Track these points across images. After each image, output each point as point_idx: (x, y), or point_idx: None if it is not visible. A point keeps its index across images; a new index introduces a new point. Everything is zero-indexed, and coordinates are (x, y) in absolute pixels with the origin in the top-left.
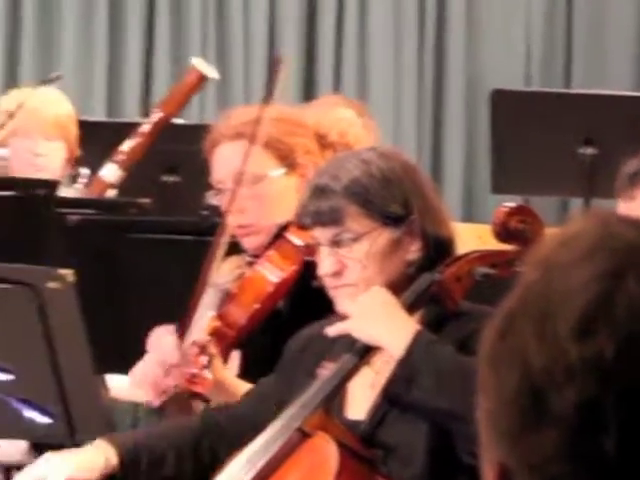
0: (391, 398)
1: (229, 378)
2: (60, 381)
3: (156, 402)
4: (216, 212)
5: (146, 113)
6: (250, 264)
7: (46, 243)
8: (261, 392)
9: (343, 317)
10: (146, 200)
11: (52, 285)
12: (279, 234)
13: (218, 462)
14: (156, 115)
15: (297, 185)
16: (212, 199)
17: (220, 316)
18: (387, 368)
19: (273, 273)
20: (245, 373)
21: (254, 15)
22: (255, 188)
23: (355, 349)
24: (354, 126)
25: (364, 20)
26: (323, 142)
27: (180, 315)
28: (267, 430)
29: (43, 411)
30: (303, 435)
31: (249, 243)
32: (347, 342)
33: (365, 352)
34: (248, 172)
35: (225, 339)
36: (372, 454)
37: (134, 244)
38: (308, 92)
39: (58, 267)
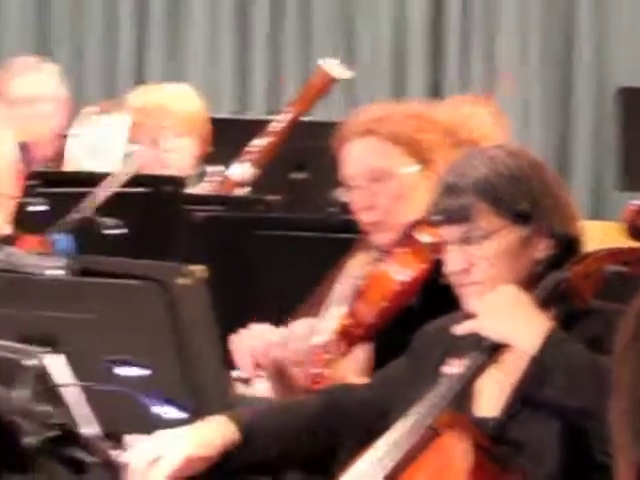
0: (523, 396)
1: (350, 377)
2: (190, 377)
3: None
4: (343, 209)
5: (274, 111)
6: (379, 261)
7: (173, 240)
8: (389, 377)
9: (470, 314)
10: (274, 197)
11: (182, 281)
12: (409, 231)
13: (338, 444)
14: (286, 114)
15: (427, 182)
16: (342, 196)
17: (348, 314)
18: (515, 365)
19: (400, 272)
20: (376, 369)
21: (380, 14)
22: (385, 184)
23: (483, 347)
24: (484, 124)
25: (490, 18)
26: (454, 139)
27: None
28: (397, 427)
29: (174, 406)
30: (434, 433)
31: (379, 240)
32: (474, 339)
33: (493, 350)
34: (378, 168)
35: (352, 337)
36: (503, 452)
37: (261, 241)
38: (435, 90)
39: (185, 263)
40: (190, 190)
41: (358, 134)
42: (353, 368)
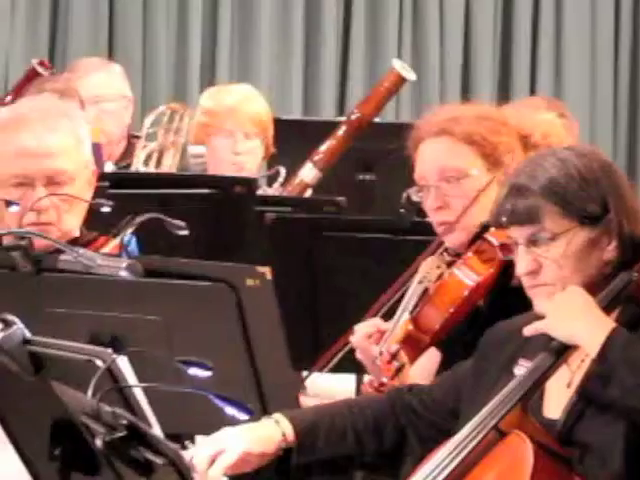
0: (588, 396)
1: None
2: (258, 378)
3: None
4: (413, 211)
5: (341, 113)
6: (449, 264)
7: (245, 241)
8: (457, 378)
9: (539, 315)
10: (342, 198)
11: (250, 282)
12: (480, 233)
13: (405, 445)
14: (354, 116)
15: (498, 184)
16: (414, 195)
17: (414, 320)
18: (584, 366)
19: (470, 277)
20: (442, 371)
21: (449, 15)
22: (459, 185)
23: (552, 348)
24: (556, 127)
25: (560, 19)
26: (526, 143)
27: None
28: (464, 428)
29: (241, 407)
30: (499, 434)
31: (450, 241)
32: (543, 340)
33: (562, 351)
34: (453, 168)
35: (418, 344)
36: (568, 453)
37: (330, 242)
38: (503, 91)
39: (256, 264)
40: (259, 191)
41: (432, 134)
42: (419, 373)
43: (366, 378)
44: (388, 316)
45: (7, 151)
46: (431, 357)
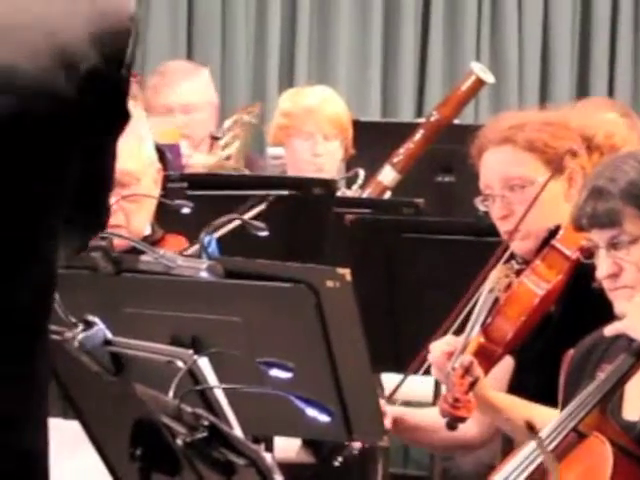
0: None
1: (493, 397)
2: (338, 380)
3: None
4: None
5: (420, 114)
6: (518, 273)
7: (325, 242)
8: None
9: (621, 319)
10: (421, 200)
11: (330, 284)
12: (548, 239)
13: None
14: (433, 118)
15: (565, 189)
16: (480, 205)
17: (486, 331)
18: None
19: (539, 285)
20: (518, 380)
21: (528, 18)
22: (523, 193)
23: (632, 349)
24: (620, 127)
25: (638, 19)
26: (590, 145)
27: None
28: (544, 429)
29: (321, 409)
30: (579, 436)
31: (518, 248)
32: (624, 344)
33: None
34: (517, 176)
35: (491, 357)
36: None
37: (409, 244)
38: (582, 94)
39: (335, 266)
40: (339, 193)
41: (494, 143)
42: (492, 383)
43: (443, 388)
44: (462, 326)
45: None
46: (503, 366)
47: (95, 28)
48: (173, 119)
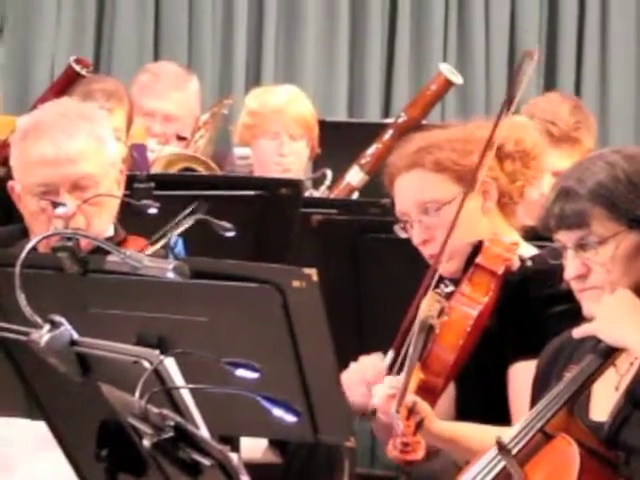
0: (636, 400)
1: (447, 429)
2: (305, 380)
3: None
4: None
5: (387, 115)
6: (448, 296)
7: (290, 242)
8: None
9: (589, 320)
10: (387, 200)
11: (297, 284)
12: (473, 254)
13: None
14: (402, 119)
15: (481, 203)
16: (400, 232)
17: (425, 365)
18: (632, 370)
19: (471, 306)
20: (463, 404)
21: (495, 18)
22: (439, 214)
23: (599, 350)
24: (528, 131)
25: (606, 20)
26: (499, 154)
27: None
28: (510, 430)
29: (288, 409)
30: (546, 437)
31: (445, 270)
32: (592, 345)
33: (609, 353)
34: (430, 199)
35: (435, 390)
36: (614, 456)
37: (376, 244)
38: (548, 92)
39: (302, 266)
40: (306, 194)
41: (403, 169)
42: (440, 415)
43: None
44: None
45: (28, 161)
46: (447, 393)
47: None
48: (146, 121)
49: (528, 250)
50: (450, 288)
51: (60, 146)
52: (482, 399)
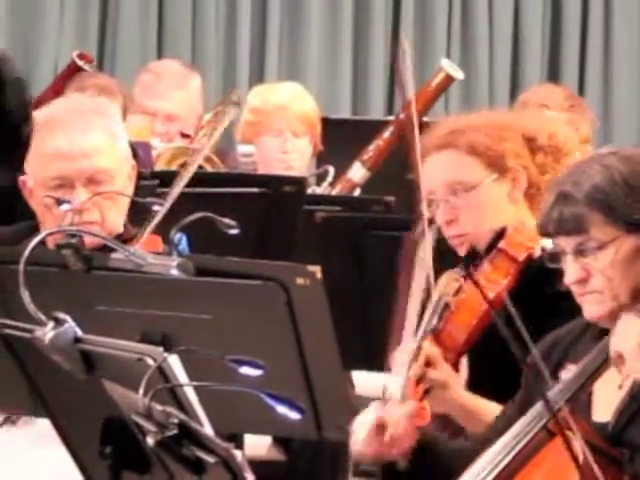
0: (638, 399)
1: (468, 397)
2: (308, 377)
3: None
4: None
5: (390, 112)
6: (466, 277)
7: (294, 239)
8: (510, 416)
9: (585, 322)
10: (391, 198)
11: (301, 281)
12: (495, 241)
13: None
14: (403, 115)
15: (509, 190)
16: (425, 210)
17: (437, 338)
18: None
19: (487, 288)
20: (475, 380)
21: (499, 13)
22: (467, 196)
23: (600, 350)
24: (562, 126)
25: (609, 17)
26: (532, 145)
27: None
28: (512, 428)
29: (291, 407)
30: (548, 434)
31: (464, 252)
32: (590, 344)
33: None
34: (459, 180)
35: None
36: (618, 453)
37: (379, 241)
38: None
39: (306, 263)
40: (309, 191)
41: (436, 148)
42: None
43: None
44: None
45: (43, 155)
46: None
47: None
48: (149, 119)
49: (549, 242)
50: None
51: (74, 140)
52: (493, 384)
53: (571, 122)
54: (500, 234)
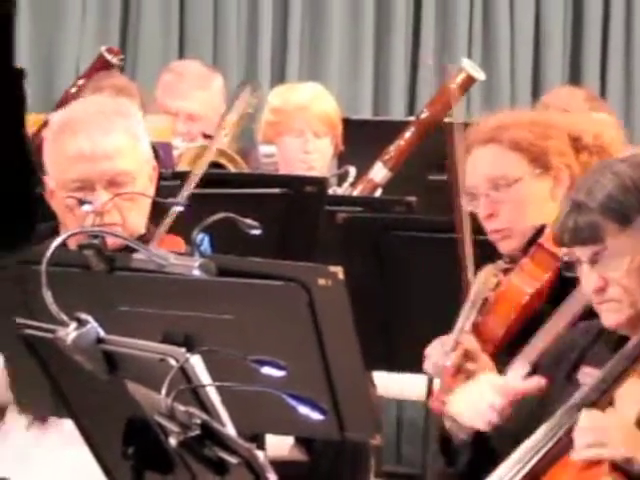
0: None
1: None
2: (330, 378)
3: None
4: None
5: (411, 112)
6: (506, 271)
7: (316, 240)
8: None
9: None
10: (413, 198)
11: (322, 282)
12: (535, 237)
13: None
14: (424, 115)
15: (551, 187)
16: (467, 204)
17: (476, 331)
18: None
19: (528, 283)
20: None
21: (520, 14)
22: (509, 191)
23: (623, 354)
24: (609, 127)
25: (631, 19)
26: (577, 145)
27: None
28: (538, 431)
29: (313, 407)
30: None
31: (504, 247)
32: (607, 347)
33: (634, 358)
34: (501, 175)
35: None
36: None
37: (400, 242)
38: None
39: (327, 264)
40: (330, 191)
41: (480, 142)
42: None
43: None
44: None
45: (64, 156)
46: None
47: None
48: (170, 119)
49: None
50: (507, 265)
51: (97, 142)
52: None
53: None
54: (539, 231)
